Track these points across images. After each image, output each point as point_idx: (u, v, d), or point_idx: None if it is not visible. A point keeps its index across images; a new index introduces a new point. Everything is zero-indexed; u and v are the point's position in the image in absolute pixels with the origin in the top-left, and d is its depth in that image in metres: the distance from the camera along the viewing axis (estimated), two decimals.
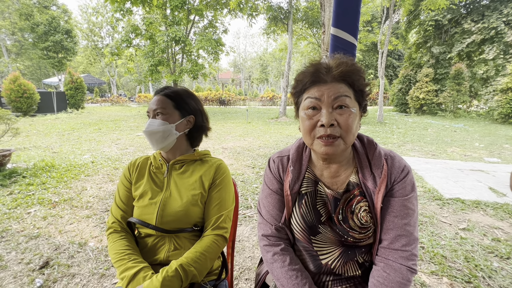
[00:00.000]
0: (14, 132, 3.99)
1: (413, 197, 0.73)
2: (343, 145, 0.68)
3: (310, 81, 0.70)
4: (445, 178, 3.79)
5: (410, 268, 0.69)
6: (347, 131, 0.66)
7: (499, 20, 13.17)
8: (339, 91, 0.67)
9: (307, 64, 0.72)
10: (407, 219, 0.71)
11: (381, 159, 0.74)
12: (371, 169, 0.74)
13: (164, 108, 0.92)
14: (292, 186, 0.79)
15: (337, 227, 0.75)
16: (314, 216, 0.77)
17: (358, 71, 0.68)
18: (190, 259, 0.82)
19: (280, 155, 0.86)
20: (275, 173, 0.84)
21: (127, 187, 0.98)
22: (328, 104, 0.67)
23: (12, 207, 2.67)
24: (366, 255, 0.78)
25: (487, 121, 12.19)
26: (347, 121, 0.66)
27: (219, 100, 23.27)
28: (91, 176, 3.73)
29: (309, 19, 13.87)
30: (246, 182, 3.54)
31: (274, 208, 0.83)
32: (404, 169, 0.74)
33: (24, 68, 31.42)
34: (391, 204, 0.72)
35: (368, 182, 0.73)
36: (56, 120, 10.96)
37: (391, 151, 0.78)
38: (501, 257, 1.95)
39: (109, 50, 14.75)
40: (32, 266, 1.79)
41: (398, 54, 25.31)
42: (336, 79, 0.68)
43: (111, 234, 0.92)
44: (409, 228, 0.71)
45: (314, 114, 0.69)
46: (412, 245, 0.70)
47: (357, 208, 0.74)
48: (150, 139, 0.93)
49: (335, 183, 0.78)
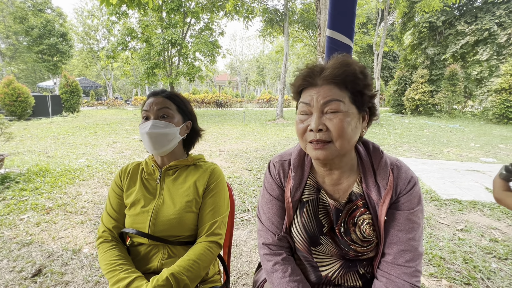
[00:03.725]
0: (7, 137, 3.93)
1: (419, 210, 0.69)
2: (335, 150, 0.65)
3: (301, 85, 0.69)
4: (442, 178, 3.80)
5: (413, 285, 0.66)
6: (338, 136, 0.63)
7: (492, 22, 13.37)
8: (328, 94, 0.63)
9: (301, 68, 0.70)
10: (412, 234, 0.68)
11: (387, 169, 0.70)
12: (376, 179, 0.70)
13: (169, 109, 0.90)
14: (293, 193, 0.76)
15: (338, 240, 0.72)
16: (316, 226, 0.74)
17: (353, 72, 0.64)
18: (182, 268, 0.79)
19: (281, 159, 0.82)
20: (276, 178, 0.81)
21: (119, 194, 0.95)
22: (317, 108, 0.64)
23: (4, 213, 2.62)
24: (368, 267, 0.76)
25: (482, 121, 12.32)
26: (337, 125, 0.62)
27: (216, 102, 23.25)
28: (86, 180, 3.68)
29: (305, 21, 13.95)
30: (244, 185, 3.51)
31: (275, 215, 0.79)
32: (411, 180, 0.70)
33: (19, 72, 31.15)
34: (396, 218, 0.69)
35: (372, 194, 0.70)
36: (51, 124, 10.85)
37: (398, 160, 0.74)
38: (499, 257, 1.95)
39: (105, 53, 14.68)
40: (24, 274, 1.75)
41: (394, 56, 25.52)
42: (327, 82, 0.64)
43: (101, 244, 0.88)
44: (413, 243, 0.68)
45: (305, 118, 0.67)
46: (416, 261, 0.67)
47: (360, 221, 0.70)
48: (153, 142, 0.87)
49: (337, 191, 0.75)
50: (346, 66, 0.64)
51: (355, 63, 0.66)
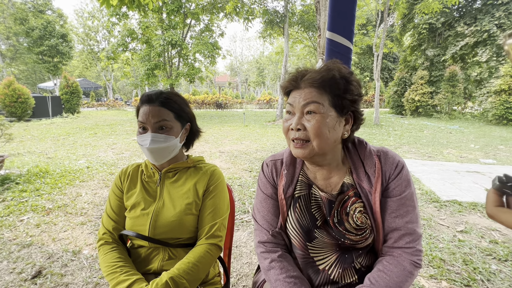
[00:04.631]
0: (7, 138, 3.94)
1: (410, 193, 0.72)
2: (312, 149, 0.69)
3: (288, 87, 0.74)
4: (441, 180, 3.80)
5: (414, 262, 0.70)
6: (314, 136, 0.67)
7: (491, 23, 13.38)
8: (308, 97, 0.68)
9: (290, 71, 0.76)
10: (408, 217, 0.71)
11: (372, 158, 0.75)
12: (365, 169, 0.75)
13: (167, 120, 0.86)
14: (286, 190, 0.79)
15: (333, 231, 0.75)
16: (309, 220, 0.76)
17: (331, 76, 0.68)
18: (182, 271, 0.79)
19: (273, 159, 0.86)
20: (269, 177, 0.84)
21: (119, 196, 0.95)
22: (298, 109, 0.70)
23: (4, 214, 2.62)
24: (363, 260, 0.77)
25: (482, 122, 12.33)
26: (314, 126, 0.67)
27: (216, 103, 23.26)
28: (86, 181, 3.68)
29: (305, 22, 13.98)
30: (244, 186, 3.51)
31: (269, 213, 0.82)
32: (398, 164, 0.73)
33: (19, 73, 31.18)
34: (389, 205, 0.73)
35: (363, 183, 0.73)
36: (51, 125, 10.85)
37: (384, 147, 0.78)
38: (499, 259, 1.95)
39: (105, 54, 14.71)
40: (24, 276, 1.74)
41: (393, 57, 25.56)
42: (308, 85, 0.69)
43: (102, 246, 0.88)
44: (411, 226, 0.71)
45: (289, 118, 0.73)
46: (416, 241, 0.71)
47: (352, 210, 0.74)
48: (154, 155, 0.86)
49: (328, 185, 0.78)
50: (325, 71, 0.69)
51: (337, 69, 0.70)
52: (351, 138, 0.78)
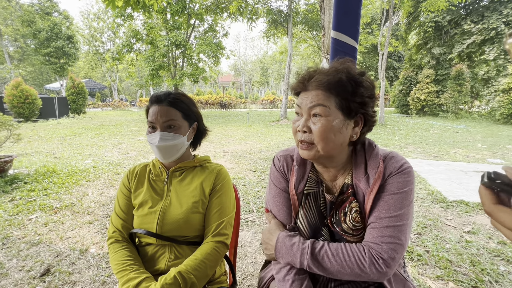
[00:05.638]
0: (15, 138, 4.00)
1: (406, 191, 0.68)
2: (317, 152, 0.69)
3: (296, 88, 0.74)
4: (448, 180, 3.75)
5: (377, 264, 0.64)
6: (319, 140, 0.67)
7: (499, 21, 13.18)
8: (314, 99, 0.68)
9: (299, 72, 0.75)
10: (398, 212, 0.66)
11: (377, 160, 0.72)
12: (366, 170, 0.73)
13: (175, 119, 0.89)
14: (297, 185, 0.80)
15: (333, 231, 0.76)
16: (317, 218, 0.77)
17: (338, 79, 0.66)
18: (190, 267, 0.81)
19: (284, 154, 0.87)
20: (281, 170, 0.84)
21: (127, 195, 0.97)
22: (305, 111, 0.70)
23: (13, 213, 2.66)
24: None
25: (489, 121, 12.14)
26: (319, 129, 0.67)
27: (220, 103, 23.33)
28: (93, 181, 3.72)
29: (309, 22, 13.95)
30: (248, 186, 3.52)
31: (284, 207, 0.82)
32: (402, 166, 0.70)
33: (26, 74, 31.65)
34: (379, 203, 0.69)
35: (361, 183, 0.73)
36: (58, 125, 11.01)
37: (393, 152, 0.75)
38: (507, 260, 1.92)
39: (110, 55, 14.88)
40: (33, 274, 1.78)
41: (399, 56, 25.32)
42: (315, 87, 0.68)
43: (112, 244, 0.90)
44: (397, 220, 0.66)
45: (298, 119, 0.73)
46: (399, 233, 0.65)
47: (349, 210, 0.74)
48: (163, 153, 0.89)
49: (334, 186, 0.79)
50: (332, 73, 0.67)
51: (345, 71, 0.68)
52: (361, 140, 0.76)
